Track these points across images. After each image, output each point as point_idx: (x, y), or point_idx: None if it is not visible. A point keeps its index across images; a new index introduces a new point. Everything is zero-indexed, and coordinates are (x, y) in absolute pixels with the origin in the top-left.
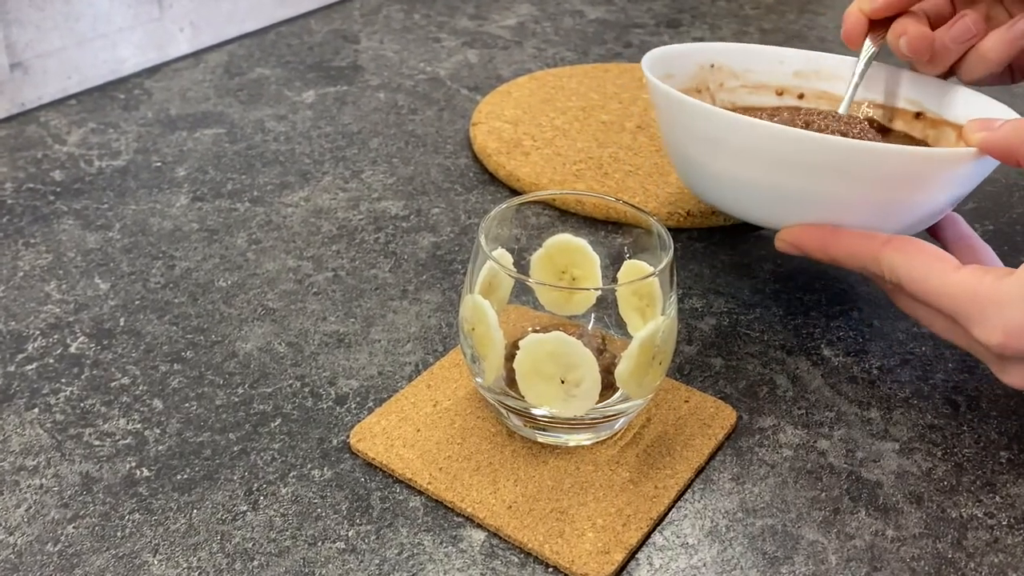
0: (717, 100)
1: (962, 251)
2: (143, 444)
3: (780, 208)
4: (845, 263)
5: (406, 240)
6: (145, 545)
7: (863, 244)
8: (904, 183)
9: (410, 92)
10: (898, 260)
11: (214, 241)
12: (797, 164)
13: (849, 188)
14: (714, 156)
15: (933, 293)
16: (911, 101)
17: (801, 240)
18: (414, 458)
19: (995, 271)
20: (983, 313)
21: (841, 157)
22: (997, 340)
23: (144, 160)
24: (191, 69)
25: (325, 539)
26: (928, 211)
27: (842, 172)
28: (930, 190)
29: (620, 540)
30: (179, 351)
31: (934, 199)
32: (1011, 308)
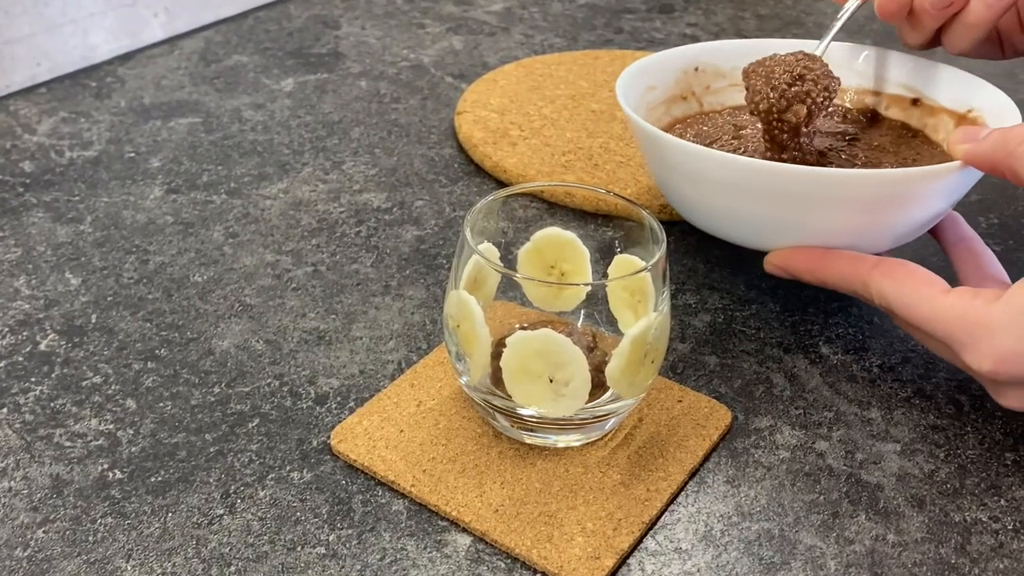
0: (705, 104)
1: (962, 254)
2: (116, 445)
3: (766, 234)
4: (835, 287)
5: (389, 234)
6: (118, 550)
7: (852, 268)
8: (889, 204)
9: (393, 80)
10: (886, 286)
11: (189, 235)
12: (777, 195)
13: (834, 213)
14: (694, 187)
15: (923, 319)
16: (908, 87)
17: (790, 263)
18: (397, 460)
19: (984, 294)
20: (973, 339)
21: (822, 186)
22: (988, 367)
23: (117, 150)
24: (165, 56)
25: (305, 544)
26: (918, 225)
27: (825, 200)
28: (917, 207)
29: (611, 545)
30: (153, 349)
31: (923, 214)
32: (1000, 334)
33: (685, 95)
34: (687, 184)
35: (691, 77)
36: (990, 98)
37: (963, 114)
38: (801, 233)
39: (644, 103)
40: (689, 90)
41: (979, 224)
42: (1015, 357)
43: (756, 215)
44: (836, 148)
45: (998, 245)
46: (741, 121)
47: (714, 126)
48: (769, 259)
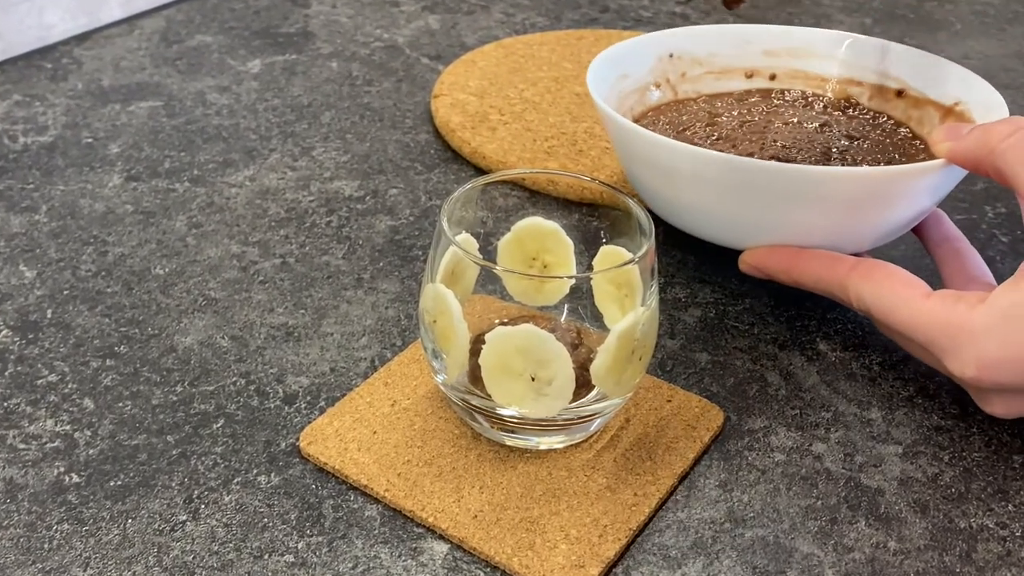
0: (680, 92)
1: (946, 255)
2: (72, 447)
3: (740, 232)
4: (812, 288)
5: (361, 224)
6: (75, 558)
7: (829, 269)
8: (869, 203)
9: (365, 61)
10: (865, 289)
11: (150, 225)
12: (751, 191)
13: (811, 212)
14: (665, 182)
15: (903, 324)
16: (894, 78)
17: (765, 263)
18: (370, 463)
19: (967, 298)
20: (955, 344)
21: (798, 184)
22: (971, 373)
23: (73, 136)
24: (125, 36)
25: (272, 552)
26: (900, 224)
27: (802, 197)
28: (899, 206)
29: (596, 553)
30: (112, 345)
31: (905, 213)
32: (984, 339)
33: (659, 83)
34: (658, 178)
35: (666, 64)
36: (977, 91)
37: (950, 107)
38: (777, 232)
39: (616, 92)
40: (664, 77)
41: (986, 214)
42: (998, 363)
43: (729, 212)
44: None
45: (1006, 235)
46: (716, 108)
47: (689, 113)
48: (744, 258)
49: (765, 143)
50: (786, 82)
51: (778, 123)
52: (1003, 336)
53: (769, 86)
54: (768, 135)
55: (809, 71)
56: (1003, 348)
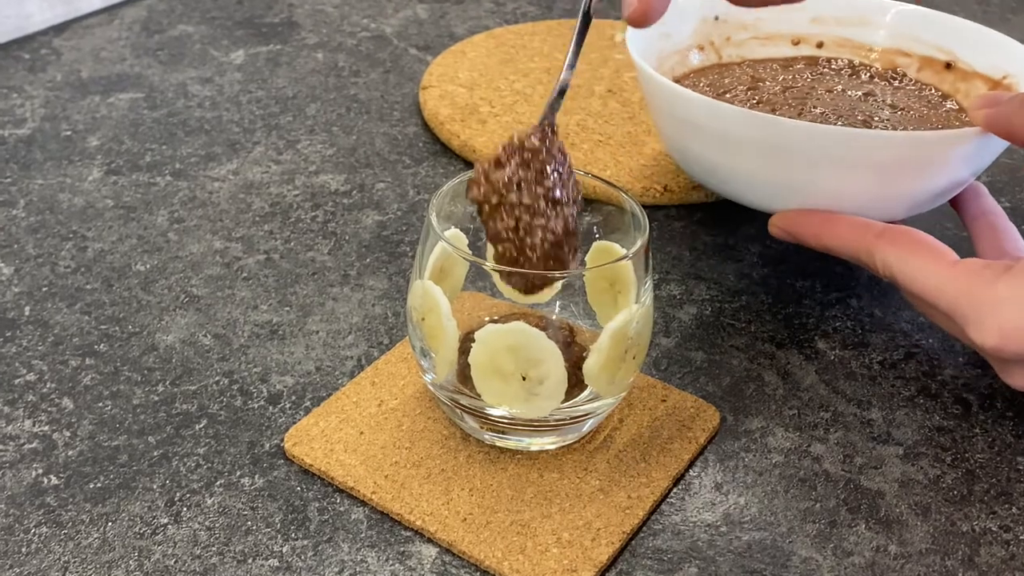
0: (724, 56)
1: (982, 229)
2: (51, 448)
3: (773, 194)
4: (840, 253)
5: (347, 219)
6: (54, 562)
7: (857, 234)
8: (904, 169)
9: (352, 52)
10: (891, 255)
11: (131, 220)
12: (787, 152)
13: (845, 175)
14: (700, 141)
15: (928, 291)
16: (942, 49)
17: (795, 226)
18: (356, 464)
19: (993, 266)
20: (978, 313)
21: (833, 145)
22: (992, 342)
23: (52, 128)
24: (105, 26)
25: (256, 556)
26: (936, 193)
27: (836, 159)
28: (934, 174)
29: (589, 557)
30: (91, 344)
31: (940, 181)
32: (1007, 308)
33: (703, 45)
34: (691, 137)
35: (710, 26)
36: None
37: (998, 80)
38: (808, 195)
39: (655, 51)
40: (707, 40)
41: None
42: (1021, 332)
43: (763, 173)
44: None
45: None
46: (759, 74)
47: (731, 76)
48: (774, 221)
49: (804, 109)
50: (833, 50)
51: (821, 90)
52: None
53: (816, 54)
54: (809, 102)
55: (856, 40)
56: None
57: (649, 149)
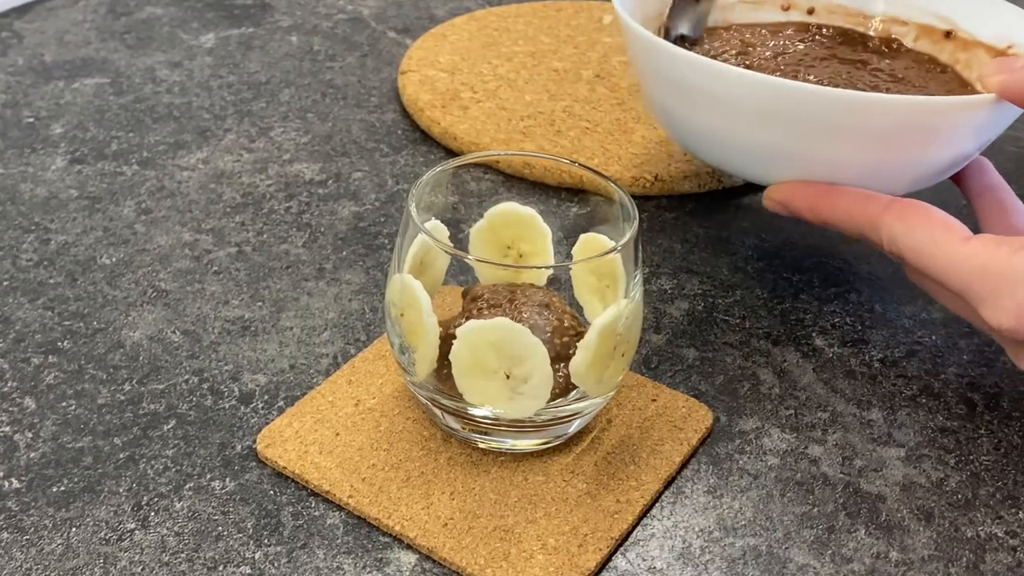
0: (710, 20)
1: (988, 206)
2: (12, 450)
3: (769, 164)
4: (841, 227)
5: (323, 210)
6: (15, 570)
7: (861, 207)
8: (909, 138)
9: (327, 35)
10: (899, 229)
11: (96, 211)
12: (783, 117)
13: (845, 144)
14: (691, 106)
15: (938, 268)
16: (941, 17)
17: (792, 199)
18: (332, 467)
19: (1010, 243)
20: (994, 292)
21: (833, 110)
22: (1009, 323)
23: (13, 115)
24: (69, 8)
25: (227, 562)
26: (941, 166)
27: (836, 127)
28: (941, 144)
29: (575, 564)
30: (55, 341)
31: (946, 153)
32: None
33: None
34: (681, 100)
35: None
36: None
37: (1002, 50)
38: (805, 165)
39: (639, 14)
40: None
41: None
42: None
43: (758, 140)
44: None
45: None
46: (748, 39)
47: (720, 40)
48: (769, 193)
49: (799, 76)
50: (824, 17)
51: (812, 58)
52: None
53: (805, 20)
54: (803, 69)
55: (850, 7)
56: None
57: (638, 136)
